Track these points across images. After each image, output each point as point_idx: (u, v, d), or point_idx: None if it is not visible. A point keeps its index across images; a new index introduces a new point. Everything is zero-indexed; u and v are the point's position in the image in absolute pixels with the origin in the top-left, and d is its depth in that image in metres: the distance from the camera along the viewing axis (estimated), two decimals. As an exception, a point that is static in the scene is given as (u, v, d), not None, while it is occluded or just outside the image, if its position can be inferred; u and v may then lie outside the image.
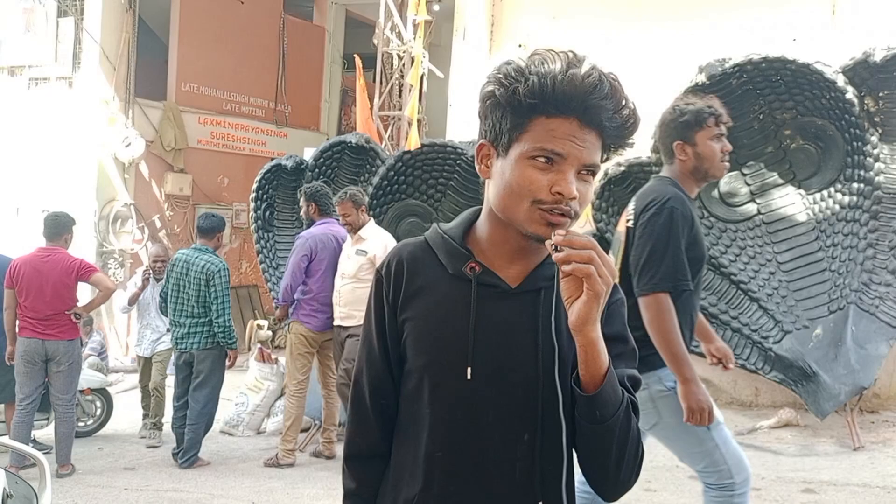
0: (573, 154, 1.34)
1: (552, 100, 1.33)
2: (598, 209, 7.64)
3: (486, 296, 1.43)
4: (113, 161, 11.31)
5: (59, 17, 11.39)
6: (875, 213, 6.96)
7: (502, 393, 1.41)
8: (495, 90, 1.37)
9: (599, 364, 1.32)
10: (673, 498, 5.30)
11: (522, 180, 1.36)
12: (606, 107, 1.34)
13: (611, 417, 1.33)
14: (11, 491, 2.20)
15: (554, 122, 1.34)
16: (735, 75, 7.13)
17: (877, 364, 6.62)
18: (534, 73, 1.33)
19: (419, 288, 1.48)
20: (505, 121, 1.38)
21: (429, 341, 1.45)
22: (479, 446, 1.42)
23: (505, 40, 8.61)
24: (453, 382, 1.42)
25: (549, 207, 1.35)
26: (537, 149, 1.35)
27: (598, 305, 1.28)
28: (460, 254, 1.47)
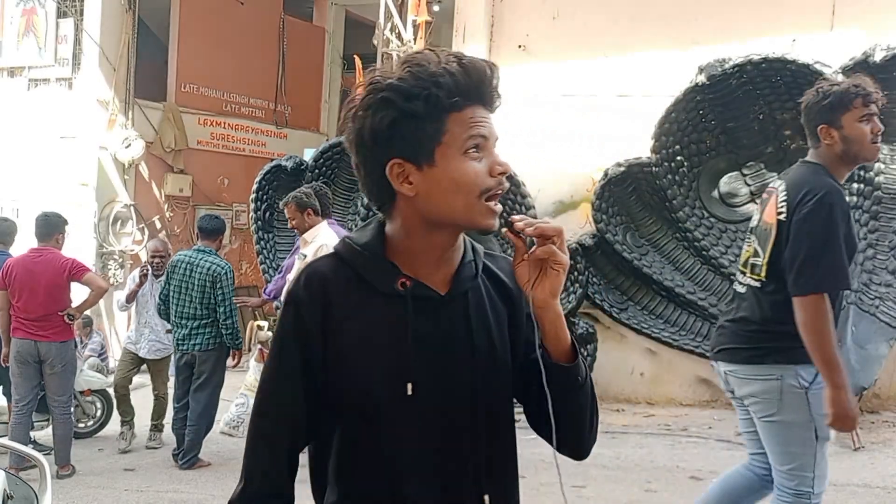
0: (491, 133, 1.40)
1: (469, 91, 1.36)
2: (598, 209, 7.64)
3: (421, 308, 1.41)
4: (113, 162, 11.31)
5: (59, 19, 11.39)
6: (875, 213, 6.96)
7: (447, 402, 1.41)
8: (406, 107, 1.34)
9: (566, 334, 1.39)
10: (673, 498, 5.30)
11: (468, 176, 1.36)
12: (496, 85, 1.40)
13: (588, 381, 1.42)
14: (12, 492, 2.20)
15: (466, 113, 1.36)
16: (735, 76, 7.14)
17: (877, 364, 6.62)
18: (442, 75, 1.34)
19: (347, 312, 1.41)
20: (420, 131, 1.35)
21: (364, 365, 1.40)
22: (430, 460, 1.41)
23: (505, 41, 8.61)
24: (396, 402, 1.39)
25: (494, 192, 1.37)
26: (469, 138, 1.36)
27: (562, 279, 1.36)
28: (387, 270, 1.42)
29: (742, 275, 3.27)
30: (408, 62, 1.37)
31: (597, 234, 7.75)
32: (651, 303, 7.80)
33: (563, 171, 8.11)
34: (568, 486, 4.59)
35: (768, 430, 3.20)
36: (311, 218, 5.95)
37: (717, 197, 7.63)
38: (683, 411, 7.65)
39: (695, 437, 6.81)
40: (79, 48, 11.28)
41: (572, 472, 5.82)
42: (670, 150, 7.51)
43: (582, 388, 1.41)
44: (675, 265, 7.71)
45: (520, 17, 8.56)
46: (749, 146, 7.46)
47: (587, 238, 7.76)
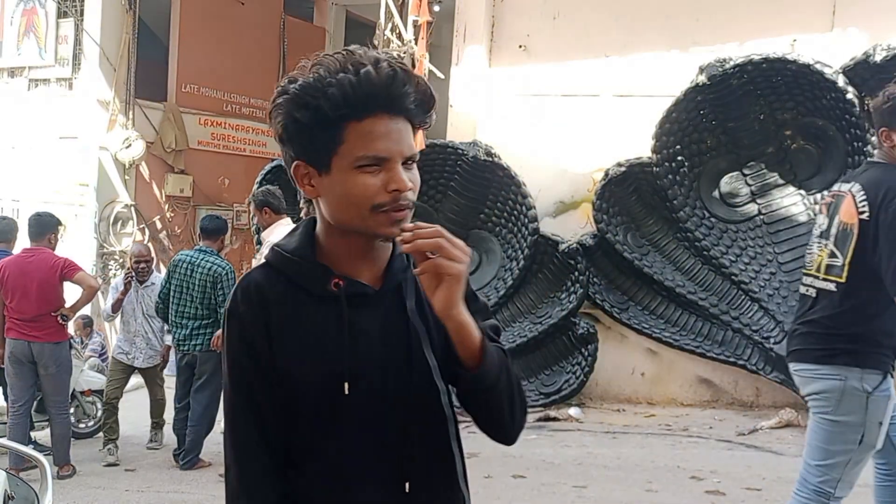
0: (395, 150, 1.35)
1: (358, 104, 1.33)
2: (598, 209, 7.64)
3: (357, 305, 1.41)
4: (113, 162, 11.31)
5: (59, 19, 11.40)
6: (876, 213, 6.95)
7: (385, 397, 1.41)
8: (296, 115, 1.35)
9: (475, 339, 1.36)
10: (674, 499, 5.29)
11: (357, 190, 1.35)
12: (407, 92, 1.36)
13: (497, 382, 1.38)
14: (13, 493, 2.20)
15: (366, 124, 1.34)
16: (735, 76, 7.14)
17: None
18: (332, 85, 1.33)
19: (286, 319, 1.42)
20: (317, 139, 1.37)
21: (306, 368, 1.41)
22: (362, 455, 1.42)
23: (505, 41, 8.61)
24: (335, 402, 1.40)
25: (389, 207, 1.35)
26: (361, 157, 1.34)
27: (458, 288, 1.31)
28: (318, 272, 1.43)
29: (814, 278, 3.26)
30: (313, 66, 1.36)
31: (597, 234, 7.74)
32: (652, 303, 7.80)
33: (564, 171, 8.11)
34: (569, 486, 4.62)
35: (818, 426, 3.22)
36: (268, 216, 5.99)
37: (718, 197, 7.63)
38: (684, 411, 7.64)
39: (695, 437, 6.81)
40: (79, 48, 11.29)
41: (573, 473, 5.82)
42: (671, 150, 7.51)
43: (494, 390, 1.38)
44: (675, 265, 7.71)
45: (520, 17, 8.56)
46: (750, 146, 7.46)
47: (588, 238, 7.76)
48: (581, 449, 6.52)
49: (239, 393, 1.46)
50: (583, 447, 6.57)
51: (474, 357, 1.36)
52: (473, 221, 8.08)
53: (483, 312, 1.49)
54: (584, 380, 7.70)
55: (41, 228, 6.23)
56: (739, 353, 7.42)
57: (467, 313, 1.35)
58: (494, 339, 1.45)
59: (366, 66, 1.33)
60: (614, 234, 7.68)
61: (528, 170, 7.86)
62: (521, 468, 5.85)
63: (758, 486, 5.50)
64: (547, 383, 7.84)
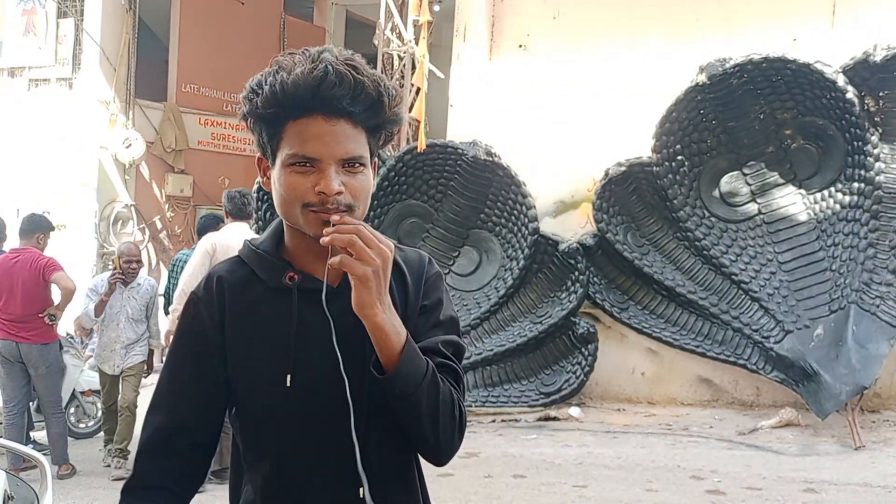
0: (326, 152, 1.35)
1: (287, 103, 1.35)
2: (598, 209, 7.64)
3: (311, 301, 1.41)
4: (113, 162, 11.31)
5: (60, 19, 11.40)
6: (876, 212, 6.96)
7: (330, 394, 1.39)
8: (245, 108, 1.41)
9: (392, 344, 1.33)
10: (674, 498, 5.29)
11: (288, 187, 1.37)
12: (340, 94, 1.34)
13: (414, 391, 1.34)
14: (12, 493, 2.20)
15: (300, 124, 1.36)
16: (736, 75, 7.14)
17: (878, 363, 6.62)
18: (266, 84, 1.36)
19: (243, 308, 1.45)
20: (263, 134, 1.41)
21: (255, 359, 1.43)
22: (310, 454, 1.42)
23: (505, 40, 8.61)
24: (277, 395, 1.40)
25: (317, 208, 1.36)
26: (291, 156, 1.36)
27: (367, 288, 1.30)
28: (277, 265, 1.45)
29: None
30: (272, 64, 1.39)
31: (598, 233, 7.74)
32: (652, 302, 7.80)
33: (564, 170, 8.11)
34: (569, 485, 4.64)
35: None
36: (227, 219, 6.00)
37: (718, 196, 7.63)
38: (684, 411, 7.65)
39: (696, 437, 6.81)
40: (79, 48, 11.29)
41: (573, 472, 5.82)
42: (671, 150, 7.51)
43: (408, 399, 1.35)
44: (675, 265, 7.71)
45: (520, 16, 8.57)
46: (750, 145, 7.46)
47: (588, 238, 7.76)
48: (581, 448, 6.52)
49: (171, 371, 1.50)
50: (583, 447, 6.57)
51: (390, 361, 1.33)
52: (473, 221, 8.08)
53: (445, 326, 1.48)
54: (584, 379, 7.70)
55: (30, 227, 6.24)
56: (739, 353, 7.42)
57: (388, 315, 1.33)
58: (444, 354, 1.42)
59: (303, 66, 1.34)
60: (614, 233, 7.68)
61: (528, 169, 7.86)
62: (522, 468, 5.85)
63: (758, 485, 5.51)
64: (547, 383, 7.84)
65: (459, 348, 1.48)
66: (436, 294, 1.50)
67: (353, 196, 1.37)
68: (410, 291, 1.47)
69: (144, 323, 6.43)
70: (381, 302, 1.32)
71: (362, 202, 1.40)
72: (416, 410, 1.37)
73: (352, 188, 1.37)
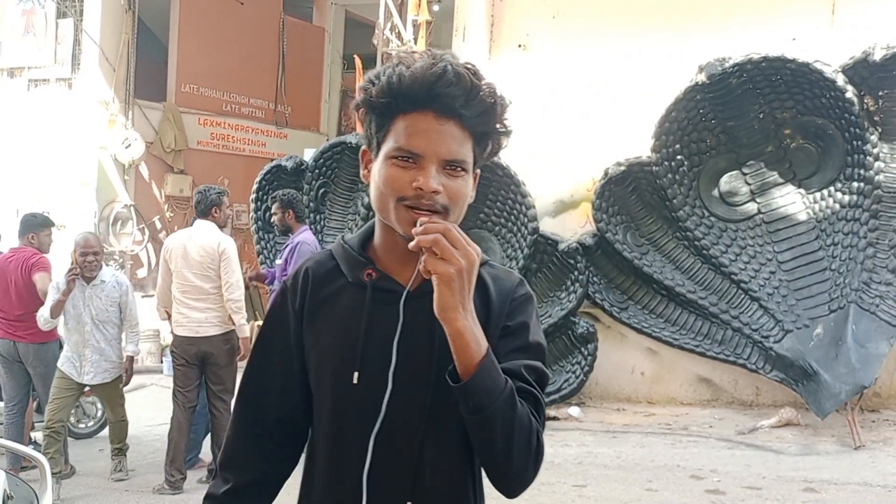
0: (430, 149, 1.35)
1: (402, 96, 1.35)
2: (598, 209, 7.64)
3: (384, 300, 1.42)
4: (113, 162, 11.31)
5: (59, 19, 11.39)
6: (875, 212, 6.96)
7: (398, 396, 1.39)
8: (359, 97, 1.41)
9: (471, 353, 1.29)
10: (674, 497, 5.30)
11: (387, 179, 1.37)
12: (455, 93, 1.34)
13: (489, 407, 1.30)
14: (12, 492, 2.20)
15: (410, 118, 1.36)
16: (735, 74, 7.14)
17: (877, 363, 6.62)
18: (385, 75, 1.36)
19: (323, 299, 1.47)
20: (372, 125, 1.41)
21: (330, 350, 1.45)
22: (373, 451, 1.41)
23: (504, 40, 8.61)
24: (343, 389, 1.41)
25: (411, 203, 1.35)
26: (395, 148, 1.36)
27: (449, 289, 1.26)
28: (358, 261, 1.47)
29: None
30: (392, 57, 1.40)
31: (597, 233, 7.74)
32: (651, 302, 7.80)
33: (563, 170, 8.11)
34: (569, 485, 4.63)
35: None
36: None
37: (718, 196, 7.63)
38: (684, 410, 7.65)
39: (695, 436, 6.81)
40: (78, 48, 11.28)
41: (573, 472, 5.82)
42: (670, 150, 7.51)
43: (480, 414, 1.30)
44: (675, 264, 7.71)
45: (519, 16, 8.57)
46: (749, 145, 7.46)
47: (587, 237, 7.76)
48: (581, 448, 6.52)
49: (258, 357, 1.54)
50: (583, 446, 6.57)
51: (467, 371, 1.29)
52: (473, 221, 8.08)
53: (529, 351, 1.43)
54: (583, 379, 7.70)
55: (22, 228, 6.27)
56: (739, 352, 7.42)
57: (470, 323, 1.29)
58: (526, 380, 1.38)
59: (423, 62, 1.35)
60: (614, 233, 7.68)
61: (527, 169, 7.85)
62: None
63: (758, 484, 5.51)
64: (547, 382, 7.83)
65: (543, 376, 1.43)
66: (522, 317, 1.46)
67: (449, 198, 1.36)
68: (494, 310, 1.43)
69: (116, 326, 5.86)
70: (463, 307, 1.28)
71: (458, 207, 1.38)
72: (489, 429, 1.32)
73: (450, 191, 1.36)
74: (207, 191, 6.00)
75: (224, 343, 5.82)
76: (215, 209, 5.94)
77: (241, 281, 5.92)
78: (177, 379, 5.87)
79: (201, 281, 5.76)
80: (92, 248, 5.72)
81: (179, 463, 5.75)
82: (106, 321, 5.79)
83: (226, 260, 5.76)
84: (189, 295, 5.77)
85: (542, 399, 1.41)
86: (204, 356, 5.79)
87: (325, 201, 8.24)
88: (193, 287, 5.76)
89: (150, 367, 11.26)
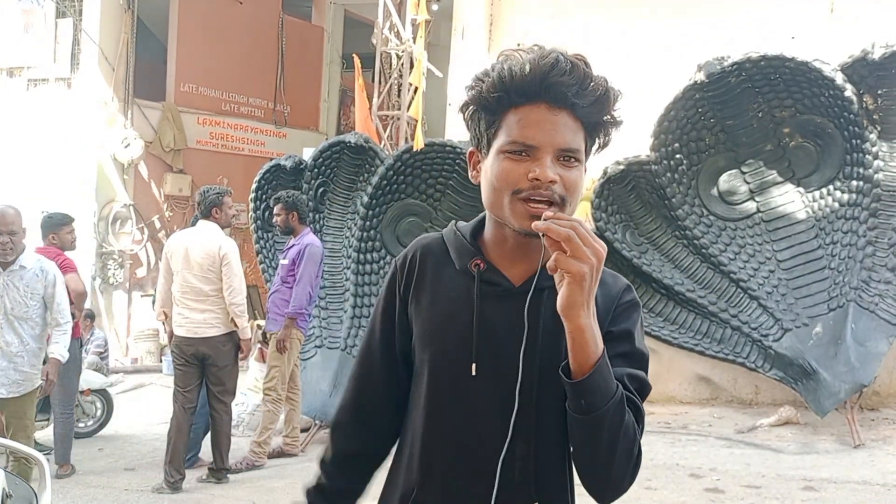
0: (545, 140, 1.34)
1: (514, 88, 1.35)
2: (597, 208, 7.64)
3: (489, 293, 1.42)
4: (112, 162, 11.31)
5: (58, 18, 11.39)
6: (874, 210, 6.97)
7: (500, 391, 1.39)
8: (468, 95, 1.41)
9: (589, 352, 1.28)
10: (673, 496, 5.30)
11: (501, 173, 1.36)
12: (569, 82, 1.33)
13: (600, 408, 1.28)
14: (11, 491, 2.20)
15: (522, 111, 1.35)
16: (734, 73, 7.14)
17: (877, 361, 6.62)
18: (496, 70, 1.37)
19: (429, 282, 1.49)
20: (481, 122, 1.41)
21: (432, 335, 1.46)
22: (476, 444, 1.41)
23: (504, 39, 8.61)
24: (453, 378, 1.42)
25: (527, 195, 1.34)
26: (509, 142, 1.36)
27: (580, 288, 1.24)
28: (468, 250, 1.47)
29: None
30: (499, 55, 1.42)
31: (596, 232, 7.70)
32: (650, 301, 7.80)
33: (563, 169, 8.10)
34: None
35: None
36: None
37: (717, 195, 7.63)
38: (683, 409, 7.65)
39: (694, 435, 6.82)
40: (78, 48, 11.28)
41: (572, 471, 5.82)
42: (669, 149, 7.51)
43: (590, 415, 1.29)
44: (674, 263, 7.71)
45: (518, 15, 8.57)
46: (748, 144, 7.46)
47: (586, 236, 7.76)
48: (580, 447, 6.52)
49: (370, 332, 1.57)
50: (582, 445, 6.57)
51: (583, 370, 1.28)
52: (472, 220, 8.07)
53: (632, 359, 1.42)
54: (583, 378, 7.69)
55: (44, 229, 6.27)
56: (738, 351, 7.42)
57: (591, 322, 1.28)
58: (629, 389, 1.36)
59: (534, 55, 1.35)
60: (613, 232, 7.68)
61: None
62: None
63: (757, 483, 5.51)
64: (546, 382, 7.84)
65: (645, 387, 1.41)
66: (626, 323, 1.45)
67: (566, 189, 1.35)
68: (598, 313, 1.38)
69: (38, 325, 4.78)
70: (587, 305, 1.27)
71: (574, 198, 1.37)
72: (596, 432, 1.30)
73: (567, 181, 1.35)
74: (207, 192, 6.01)
75: (223, 344, 5.82)
76: (216, 210, 5.94)
77: (243, 284, 5.94)
78: (177, 379, 5.88)
79: (201, 283, 5.76)
80: (5, 227, 4.53)
81: (178, 463, 5.75)
82: (23, 318, 4.66)
83: (227, 264, 5.76)
84: (188, 296, 5.77)
85: (643, 410, 1.39)
86: (202, 357, 5.80)
87: (324, 200, 8.24)
88: (193, 288, 5.76)
89: (149, 367, 11.28)
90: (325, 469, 1.61)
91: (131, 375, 10.73)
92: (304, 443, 6.81)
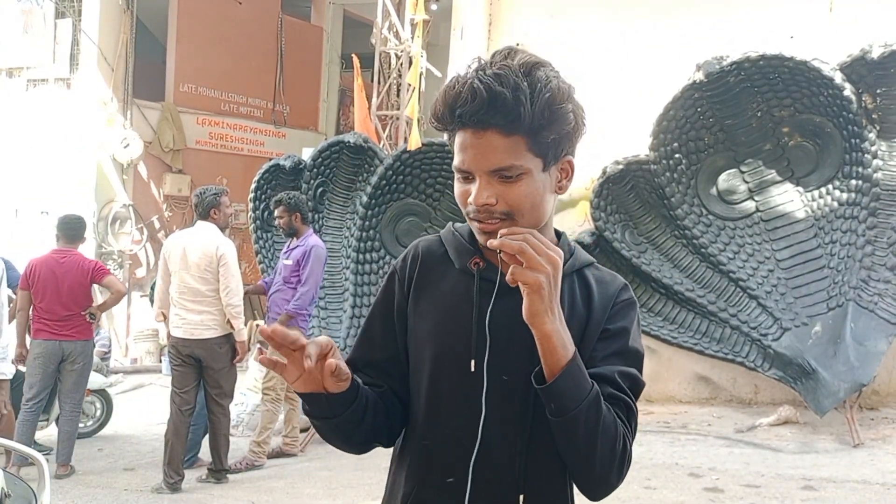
0: (474, 164, 1.37)
1: (443, 120, 1.40)
2: (596, 207, 7.64)
3: (488, 291, 1.45)
4: (111, 162, 11.32)
5: (57, 19, 11.40)
6: (873, 209, 6.97)
7: (498, 387, 1.42)
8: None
9: (558, 356, 1.32)
10: (673, 495, 5.30)
11: (457, 195, 1.44)
12: (474, 110, 1.33)
13: (571, 410, 1.32)
14: (10, 491, 2.20)
15: (458, 136, 1.39)
16: (733, 73, 7.14)
17: (876, 361, 6.62)
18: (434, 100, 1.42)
19: (429, 282, 1.52)
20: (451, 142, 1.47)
21: (434, 332, 1.48)
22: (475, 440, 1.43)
23: (503, 39, 8.60)
24: (454, 374, 1.44)
25: (475, 216, 1.40)
26: (455, 167, 1.42)
27: (539, 297, 1.28)
28: (467, 250, 1.50)
29: None
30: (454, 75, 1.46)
31: (595, 231, 7.74)
32: (650, 300, 7.80)
33: (562, 169, 8.09)
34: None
35: None
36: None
37: (716, 194, 7.63)
38: (682, 409, 7.65)
39: (694, 435, 6.82)
40: (77, 48, 11.29)
41: (572, 470, 5.82)
42: (669, 148, 7.51)
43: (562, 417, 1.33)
44: (673, 263, 7.71)
45: (517, 15, 8.56)
46: (747, 143, 7.46)
47: (586, 236, 7.76)
48: (580, 446, 6.52)
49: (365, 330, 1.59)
50: (581, 445, 6.57)
51: (552, 374, 1.32)
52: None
53: (626, 356, 1.45)
54: (582, 378, 7.69)
55: (77, 231, 6.33)
56: (738, 351, 7.43)
57: (558, 326, 1.32)
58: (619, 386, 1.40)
59: (445, 87, 1.39)
60: (612, 231, 7.68)
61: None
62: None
63: (756, 482, 5.52)
64: (546, 381, 7.84)
65: (637, 384, 1.45)
66: (622, 322, 1.48)
67: (509, 205, 1.37)
68: (595, 311, 1.46)
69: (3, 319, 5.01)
70: (551, 311, 1.31)
71: (526, 210, 1.38)
72: (571, 433, 1.34)
73: (507, 197, 1.37)
74: (204, 193, 6.00)
75: (219, 347, 5.81)
76: (214, 210, 5.94)
77: (241, 285, 5.92)
78: (174, 380, 5.88)
79: (198, 283, 5.76)
80: None
81: (176, 465, 5.75)
82: None
83: (224, 265, 5.76)
84: (186, 297, 5.77)
85: (635, 406, 1.42)
86: (198, 358, 5.80)
87: (323, 200, 8.24)
88: (190, 289, 5.76)
89: (149, 367, 11.28)
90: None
91: (131, 376, 10.73)
92: (304, 443, 6.81)
